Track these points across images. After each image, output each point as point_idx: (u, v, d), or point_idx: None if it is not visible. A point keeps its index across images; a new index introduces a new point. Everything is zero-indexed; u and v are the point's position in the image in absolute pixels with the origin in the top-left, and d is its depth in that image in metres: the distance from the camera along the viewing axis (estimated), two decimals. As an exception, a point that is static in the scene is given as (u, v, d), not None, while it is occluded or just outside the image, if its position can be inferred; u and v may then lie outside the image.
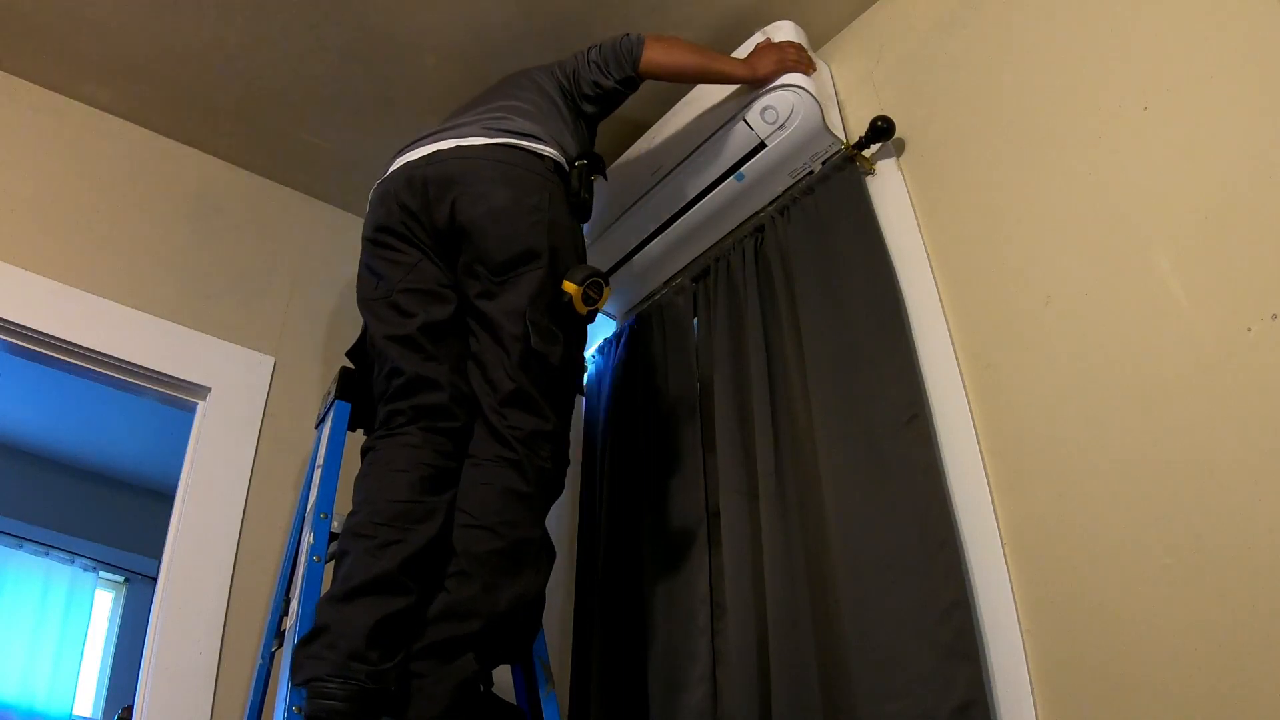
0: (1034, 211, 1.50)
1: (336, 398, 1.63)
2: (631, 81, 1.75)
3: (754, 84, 1.80)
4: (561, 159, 1.63)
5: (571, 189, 1.61)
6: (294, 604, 1.38)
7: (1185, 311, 1.26)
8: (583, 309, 1.49)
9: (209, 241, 2.22)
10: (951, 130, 1.69)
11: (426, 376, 1.45)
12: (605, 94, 1.76)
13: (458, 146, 1.58)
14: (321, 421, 1.70)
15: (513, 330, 1.45)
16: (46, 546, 4.03)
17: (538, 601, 1.44)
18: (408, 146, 1.66)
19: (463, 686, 1.29)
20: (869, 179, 1.74)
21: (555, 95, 1.76)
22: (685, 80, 1.87)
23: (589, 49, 1.78)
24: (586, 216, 1.65)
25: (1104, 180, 1.42)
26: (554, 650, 1.77)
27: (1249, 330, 1.18)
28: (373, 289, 1.57)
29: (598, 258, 2.10)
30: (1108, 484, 1.27)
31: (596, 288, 1.51)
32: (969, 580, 1.33)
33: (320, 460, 1.54)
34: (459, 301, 1.54)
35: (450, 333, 1.51)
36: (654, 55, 1.72)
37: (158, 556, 1.93)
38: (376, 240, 1.58)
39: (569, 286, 1.48)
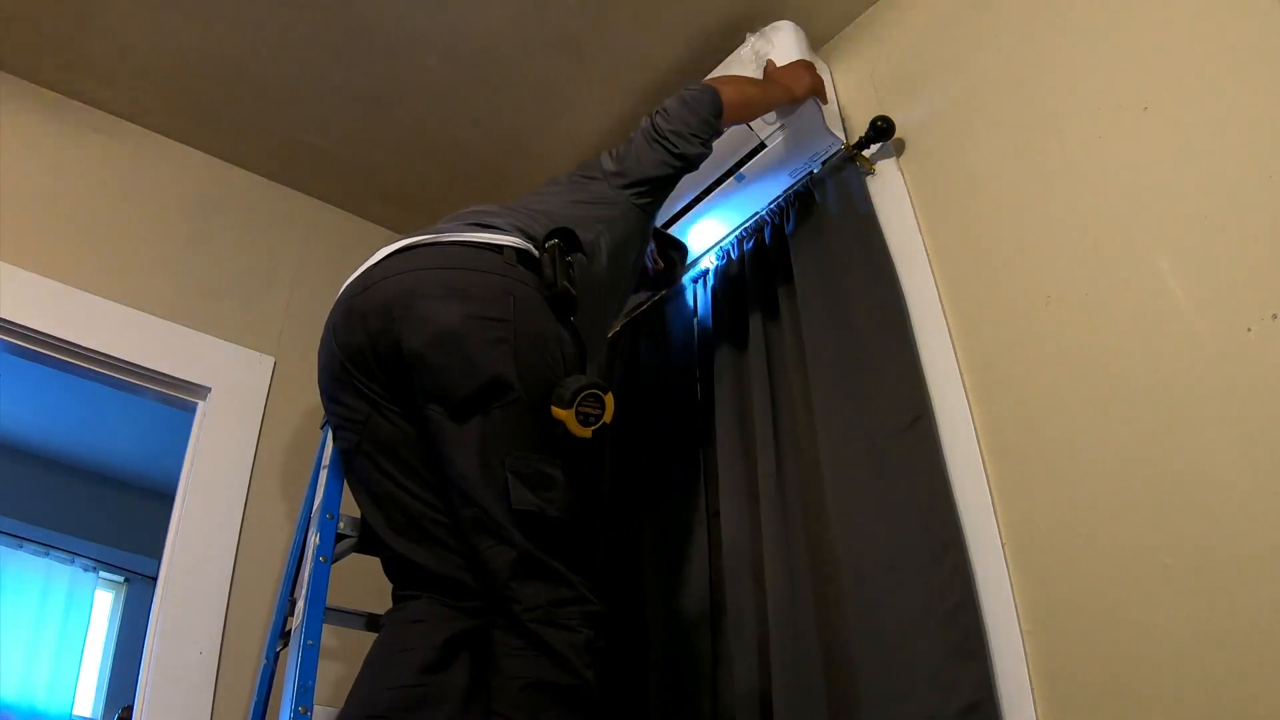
0: (1034, 212, 1.50)
1: (343, 399, 1.62)
2: (716, 136, 1.55)
3: (794, 104, 1.74)
4: (528, 245, 1.32)
5: (545, 279, 1.29)
6: (300, 605, 1.38)
7: (1185, 311, 1.26)
8: (583, 432, 1.21)
9: (209, 241, 2.22)
10: (951, 130, 1.69)
11: (414, 561, 1.23)
12: (686, 164, 1.51)
13: (391, 258, 1.31)
14: (327, 423, 1.69)
15: (492, 488, 1.17)
16: (46, 546, 4.04)
17: None
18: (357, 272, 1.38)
19: None
20: (869, 179, 1.74)
21: (583, 182, 1.52)
22: (751, 118, 1.71)
23: (650, 119, 1.54)
24: (571, 309, 1.32)
25: (1104, 180, 1.42)
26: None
27: (1249, 330, 1.18)
28: (344, 459, 1.34)
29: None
30: (1108, 484, 1.27)
31: (593, 400, 1.21)
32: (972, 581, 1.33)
33: (326, 461, 1.53)
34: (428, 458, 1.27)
35: (431, 501, 1.26)
36: (730, 97, 1.55)
37: (158, 556, 1.93)
38: (328, 395, 1.34)
39: (559, 412, 1.19)
